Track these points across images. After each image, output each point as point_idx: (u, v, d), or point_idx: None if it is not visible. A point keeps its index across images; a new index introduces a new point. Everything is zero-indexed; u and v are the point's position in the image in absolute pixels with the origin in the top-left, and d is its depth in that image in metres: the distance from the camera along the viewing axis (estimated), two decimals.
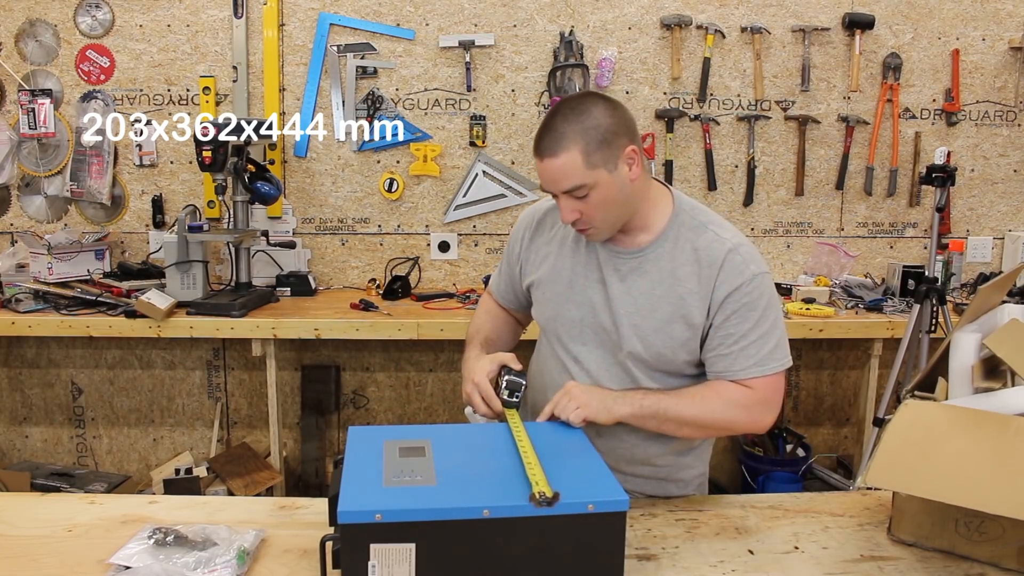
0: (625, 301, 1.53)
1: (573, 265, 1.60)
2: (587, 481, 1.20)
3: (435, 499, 1.12)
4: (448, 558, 1.10)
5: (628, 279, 1.54)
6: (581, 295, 1.58)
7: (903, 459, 1.25)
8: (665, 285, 1.51)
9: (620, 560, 1.15)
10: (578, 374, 1.58)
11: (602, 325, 1.56)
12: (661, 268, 1.52)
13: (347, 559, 1.08)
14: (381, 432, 1.40)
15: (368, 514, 1.07)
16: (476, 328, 1.77)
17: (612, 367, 1.56)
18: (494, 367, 1.54)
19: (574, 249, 1.61)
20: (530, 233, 1.69)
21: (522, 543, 1.11)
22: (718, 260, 1.49)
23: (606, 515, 1.13)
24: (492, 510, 1.10)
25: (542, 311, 1.66)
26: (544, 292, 1.64)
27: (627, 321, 1.52)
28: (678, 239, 1.53)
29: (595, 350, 1.58)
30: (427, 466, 1.22)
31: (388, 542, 1.07)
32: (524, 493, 1.16)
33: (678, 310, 1.50)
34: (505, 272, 1.77)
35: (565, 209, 1.47)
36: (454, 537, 1.10)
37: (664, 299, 1.51)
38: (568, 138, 1.42)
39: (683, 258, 1.51)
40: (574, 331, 1.60)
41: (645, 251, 1.54)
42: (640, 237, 1.55)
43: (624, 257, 1.55)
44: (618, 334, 1.54)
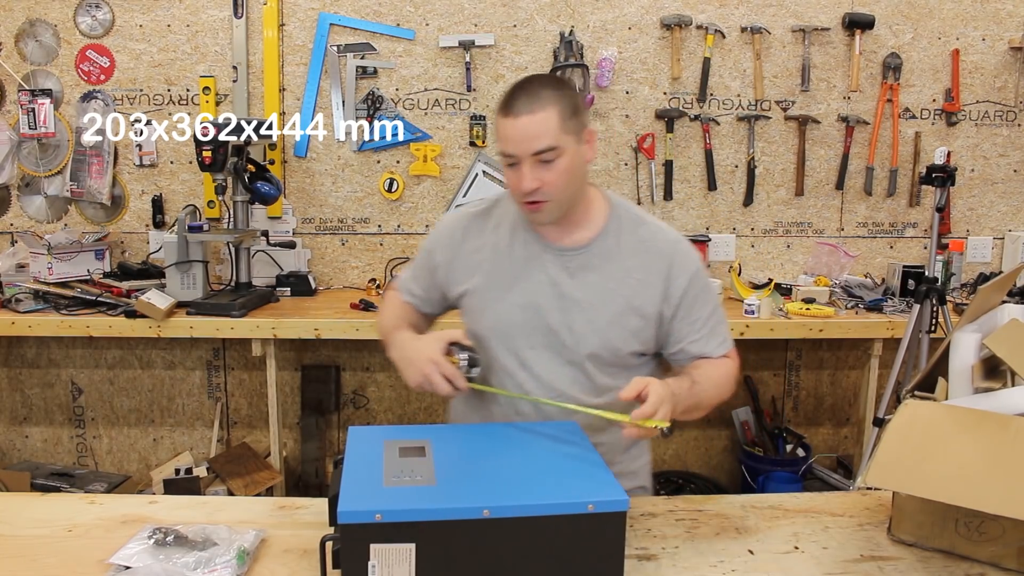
0: (578, 298, 1.53)
1: (513, 270, 1.57)
2: (587, 481, 1.20)
3: (435, 499, 1.12)
4: (448, 558, 1.10)
5: (578, 275, 1.54)
6: (526, 298, 1.55)
7: (903, 459, 1.25)
8: (616, 278, 1.54)
9: (620, 560, 1.15)
10: (527, 380, 1.56)
11: (550, 327, 1.54)
12: (610, 261, 1.54)
13: (347, 559, 1.08)
14: (381, 432, 1.40)
15: (368, 514, 1.07)
16: (393, 322, 1.64)
17: (563, 367, 1.55)
18: (443, 345, 1.45)
19: (510, 254, 1.58)
20: (456, 241, 1.63)
21: (522, 543, 1.11)
22: (667, 251, 1.55)
23: (606, 515, 1.13)
24: (492, 510, 1.10)
25: (480, 319, 1.60)
26: (482, 300, 1.59)
27: (582, 317, 1.53)
28: (620, 232, 1.56)
29: (543, 352, 1.55)
30: (427, 466, 1.22)
31: (388, 542, 1.07)
32: (524, 493, 1.16)
33: (630, 301, 1.53)
34: (423, 278, 1.70)
35: (528, 176, 1.43)
36: (454, 537, 1.09)
37: (617, 291, 1.53)
38: (547, 98, 1.43)
39: (629, 250, 1.55)
40: (520, 336, 1.56)
41: (591, 246, 1.55)
42: (582, 233, 1.56)
43: (571, 254, 1.55)
44: (571, 332, 1.53)
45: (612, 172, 3.31)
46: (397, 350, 1.51)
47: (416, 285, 1.72)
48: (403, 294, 1.74)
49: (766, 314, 2.87)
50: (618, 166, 3.31)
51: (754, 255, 3.41)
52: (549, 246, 1.56)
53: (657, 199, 3.33)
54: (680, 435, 3.53)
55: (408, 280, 1.74)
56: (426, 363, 1.42)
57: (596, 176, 3.31)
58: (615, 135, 3.29)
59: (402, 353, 1.49)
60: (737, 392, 3.43)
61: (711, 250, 3.33)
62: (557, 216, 1.51)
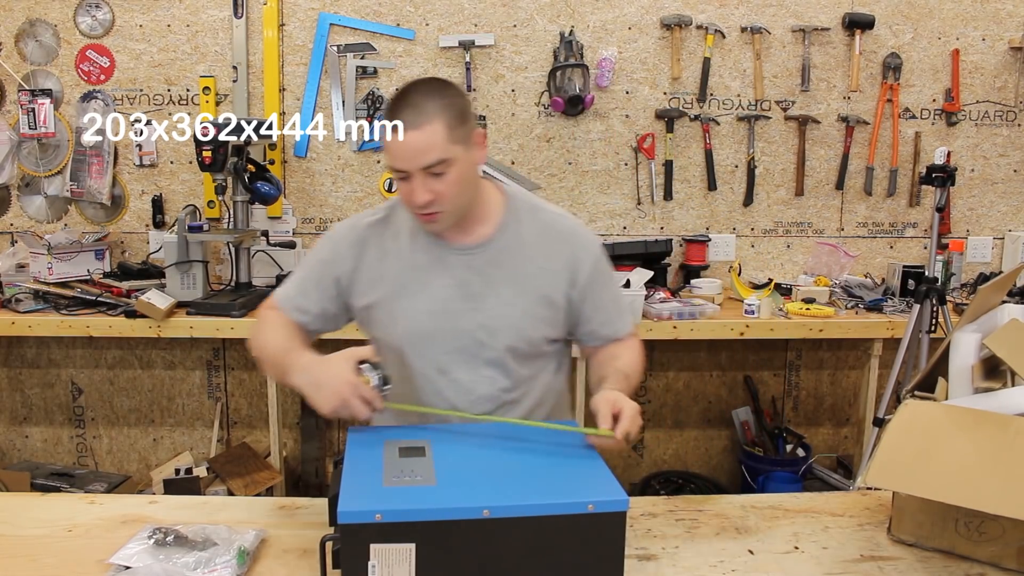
0: (487, 295, 1.53)
1: (418, 276, 1.54)
2: (587, 481, 1.20)
3: (435, 499, 1.12)
4: (448, 558, 1.10)
5: (484, 272, 1.53)
6: (435, 304, 1.53)
7: (903, 459, 1.25)
8: (522, 269, 1.54)
9: (620, 560, 1.15)
10: (447, 386, 1.54)
11: (464, 328, 1.52)
12: (514, 253, 1.54)
13: (347, 559, 1.08)
14: (381, 432, 1.40)
15: (368, 514, 1.07)
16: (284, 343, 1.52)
17: (481, 368, 1.54)
18: (354, 364, 1.36)
19: (413, 261, 1.55)
20: (355, 251, 1.57)
21: (522, 543, 1.11)
22: (568, 236, 1.58)
23: (606, 515, 1.13)
24: (492, 510, 1.10)
25: (391, 330, 1.55)
26: (390, 310, 1.54)
27: (494, 314, 1.52)
28: (519, 222, 1.57)
29: (460, 356, 1.53)
30: (427, 466, 1.22)
31: (388, 542, 1.08)
32: (524, 493, 1.16)
33: (540, 290, 1.54)
34: (318, 293, 1.59)
35: (419, 189, 1.41)
36: (454, 537, 1.10)
37: (525, 282, 1.54)
38: (431, 111, 1.40)
39: (531, 239, 1.56)
40: (435, 342, 1.53)
41: (492, 240, 1.55)
42: (481, 229, 1.55)
43: (473, 252, 1.54)
44: (485, 331, 1.52)
45: (612, 172, 3.31)
46: (302, 374, 1.39)
47: (308, 301, 1.59)
48: (291, 313, 1.59)
49: (766, 314, 2.87)
50: (618, 166, 3.31)
51: (754, 255, 3.41)
52: (450, 247, 1.54)
53: (657, 199, 3.33)
54: (680, 435, 3.53)
55: (296, 297, 1.60)
56: (343, 386, 1.33)
57: (596, 176, 3.31)
58: (615, 135, 3.29)
59: (310, 377, 1.38)
60: (737, 392, 3.47)
61: (711, 250, 3.33)
62: (453, 223, 1.50)
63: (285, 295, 1.62)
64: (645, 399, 3.48)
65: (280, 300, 1.62)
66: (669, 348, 3.43)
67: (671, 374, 3.48)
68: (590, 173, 3.31)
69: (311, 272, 1.61)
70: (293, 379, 1.41)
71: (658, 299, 2.94)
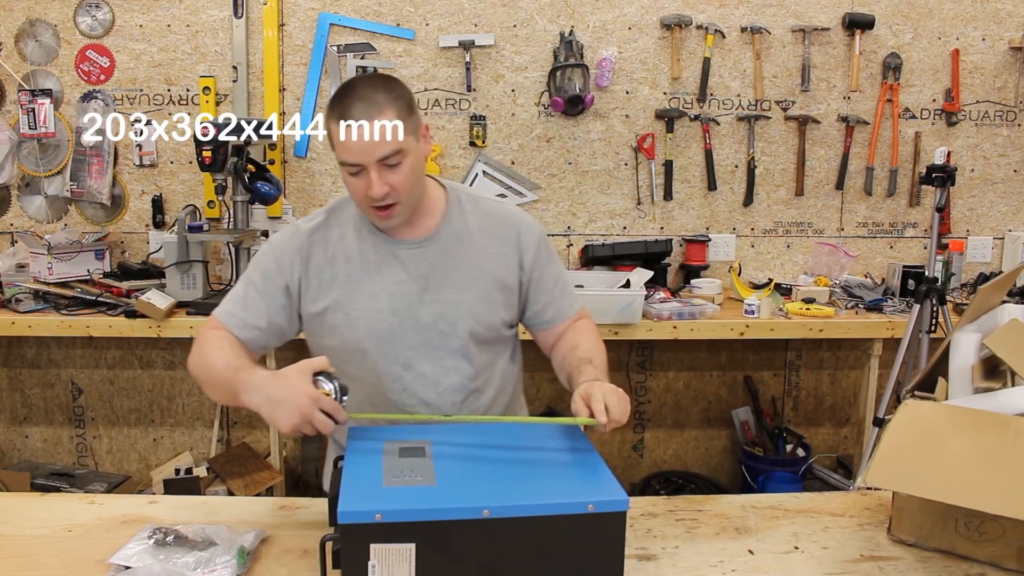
0: (444, 285, 1.54)
1: (371, 275, 1.53)
2: (587, 481, 1.20)
3: (435, 499, 1.12)
4: (448, 558, 1.10)
5: (439, 263, 1.55)
6: (393, 301, 1.52)
7: (903, 459, 1.25)
8: (473, 256, 1.56)
9: (620, 560, 1.15)
10: (414, 381, 1.55)
11: (425, 322, 1.53)
12: (462, 241, 1.57)
13: (347, 559, 1.08)
14: (381, 432, 1.40)
15: (368, 514, 1.07)
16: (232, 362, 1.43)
17: (445, 359, 1.55)
18: (311, 377, 1.31)
19: (363, 261, 1.54)
20: (301, 257, 1.54)
21: (522, 543, 1.11)
22: (511, 222, 1.61)
23: (606, 515, 1.12)
24: (492, 510, 1.10)
25: (351, 333, 1.53)
26: (347, 313, 1.53)
27: (452, 303, 1.54)
28: (463, 212, 1.59)
29: (423, 349, 1.54)
30: (427, 466, 1.22)
31: (388, 542, 1.08)
32: (524, 493, 1.16)
33: (493, 274, 1.57)
34: (264, 306, 1.54)
35: (376, 182, 1.41)
36: (454, 537, 1.10)
37: (477, 269, 1.56)
38: (384, 103, 1.41)
39: (477, 227, 1.58)
40: (397, 339, 1.53)
41: (439, 232, 1.56)
42: (427, 222, 1.56)
43: (424, 245, 1.55)
44: (446, 322, 1.54)
45: (612, 172, 3.31)
46: (256, 392, 1.31)
47: (254, 315, 1.53)
48: (237, 329, 1.53)
49: (766, 314, 2.87)
50: (618, 166, 3.31)
51: (754, 255, 3.41)
52: (399, 243, 1.54)
53: (657, 199, 3.33)
54: (680, 435, 3.53)
55: (241, 312, 1.54)
56: (303, 400, 1.26)
57: (596, 176, 3.31)
58: (615, 135, 3.29)
59: (267, 394, 1.30)
60: (737, 392, 3.46)
61: (711, 250, 3.33)
62: (407, 216, 1.51)
63: (228, 312, 1.54)
64: (645, 399, 3.48)
65: (223, 318, 1.54)
66: (669, 348, 3.43)
67: (671, 374, 3.48)
68: (590, 173, 3.31)
69: (254, 286, 1.55)
70: (246, 399, 1.33)
71: (658, 299, 2.94)
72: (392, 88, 1.45)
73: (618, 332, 2.75)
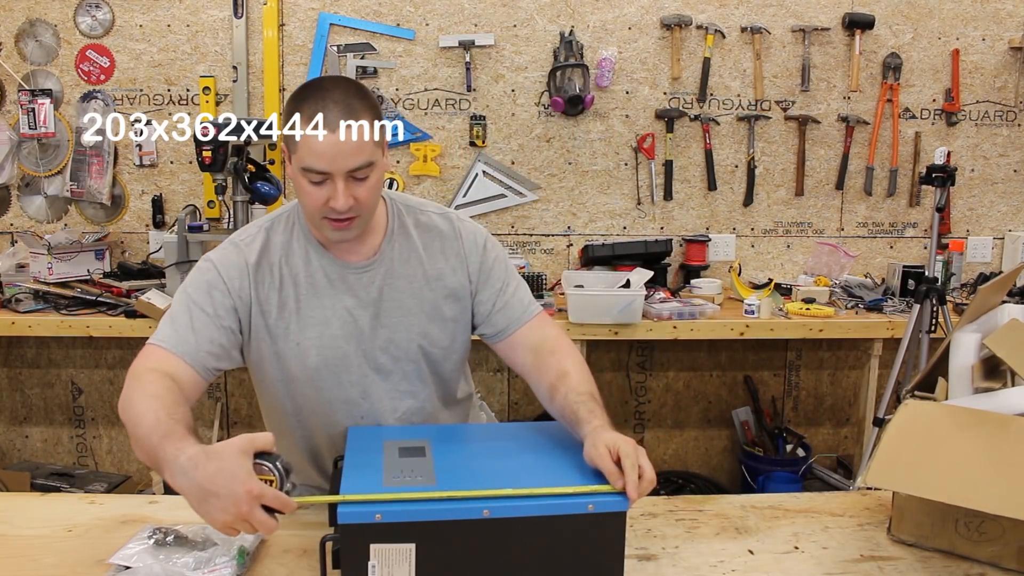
0: (393, 307, 1.48)
1: (321, 303, 1.46)
2: (587, 481, 1.20)
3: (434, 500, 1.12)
4: (448, 558, 1.10)
5: (386, 285, 1.48)
6: (345, 327, 1.46)
7: (903, 459, 1.25)
8: (419, 275, 1.51)
9: (620, 560, 1.15)
10: (371, 408, 1.50)
11: (379, 346, 1.48)
12: (407, 260, 1.51)
13: (347, 559, 1.08)
14: (381, 432, 1.40)
15: (368, 514, 1.07)
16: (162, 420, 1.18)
17: (401, 383, 1.51)
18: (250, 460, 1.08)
19: (312, 286, 1.46)
20: (250, 279, 1.44)
21: (522, 543, 1.11)
22: (454, 230, 1.54)
23: (606, 515, 1.13)
24: (492, 510, 1.10)
25: (305, 362, 1.45)
26: (298, 343, 1.45)
27: (404, 324, 1.49)
28: (405, 227, 1.53)
29: (377, 375, 1.50)
30: (427, 466, 1.22)
31: (388, 542, 1.08)
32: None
33: (440, 290, 1.51)
34: (212, 325, 1.40)
35: (342, 194, 1.32)
36: (454, 537, 1.10)
37: (426, 287, 1.51)
38: (361, 112, 1.34)
39: (421, 241, 1.52)
40: (352, 366, 1.48)
41: (384, 251, 1.49)
42: (371, 240, 1.49)
43: (370, 269, 1.48)
44: (398, 346, 1.49)
45: (612, 172, 3.31)
46: (183, 476, 1.07)
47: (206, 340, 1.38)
48: (189, 357, 1.36)
49: (766, 314, 2.87)
50: (618, 166, 3.31)
51: (754, 255, 3.41)
52: (347, 266, 1.47)
53: (657, 199, 3.33)
54: (680, 435, 3.53)
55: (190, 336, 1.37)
56: (242, 497, 1.03)
57: (596, 176, 3.31)
58: (615, 135, 3.29)
59: (196, 481, 1.05)
60: (737, 392, 3.46)
61: (711, 250, 3.33)
62: (361, 230, 1.43)
63: (175, 339, 1.37)
64: (645, 399, 3.48)
65: (169, 345, 1.37)
66: (669, 348, 3.43)
67: (671, 374, 3.48)
68: (590, 173, 3.31)
69: (200, 307, 1.40)
70: (170, 479, 1.10)
71: (658, 299, 2.94)
72: (365, 95, 1.38)
73: (618, 332, 2.75)
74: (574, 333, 2.73)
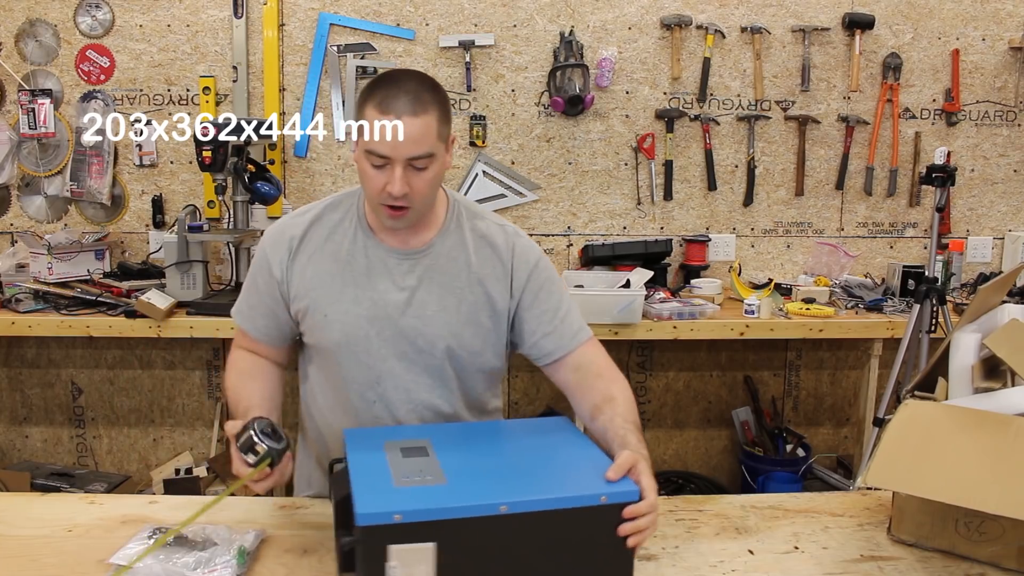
0: (429, 301, 1.49)
1: (356, 279, 1.49)
2: (596, 474, 1.20)
3: (452, 497, 1.12)
4: (466, 555, 1.10)
5: (425, 277, 1.50)
6: (374, 309, 1.48)
7: (903, 459, 1.25)
8: (464, 274, 1.51)
9: (631, 550, 1.16)
10: (385, 393, 1.51)
11: (403, 334, 1.49)
12: (455, 258, 1.51)
13: (366, 562, 1.07)
14: (378, 433, 1.39)
15: (387, 515, 1.06)
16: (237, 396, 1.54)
17: (420, 376, 1.51)
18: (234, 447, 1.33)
19: (351, 263, 1.50)
20: (290, 254, 1.52)
21: (538, 536, 1.12)
22: (508, 243, 1.53)
23: (618, 506, 1.14)
24: (510, 506, 1.10)
25: (325, 335, 1.51)
26: (325, 314, 1.50)
27: (434, 320, 1.49)
28: (461, 228, 1.53)
29: (398, 363, 1.50)
30: (433, 465, 1.22)
31: (408, 542, 1.07)
32: (539, 488, 1.17)
33: (480, 296, 1.51)
34: (260, 305, 1.56)
35: (399, 180, 1.36)
36: (473, 534, 1.10)
37: (467, 288, 1.50)
38: (429, 103, 1.37)
39: (472, 245, 1.52)
40: (372, 348, 1.49)
41: (433, 246, 1.51)
42: (424, 234, 1.51)
43: (415, 256, 1.50)
44: (424, 338, 1.49)
45: (612, 172, 3.31)
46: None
47: (261, 315, 1.57)
48: (252, 331, 1.58)
49: (766, 314, 2.87)
50: (618, 166, 3.31)
51: (754, 255, 3.41)
52: (392, 251, 1.50)
53: (657, 199, 3.33)
54: (680, 435, 3.53)
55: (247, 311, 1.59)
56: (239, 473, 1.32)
57: (596, 176, 3.31)
58: (615, 135, 3.29)
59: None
60: (737, 392, 3.46)
61: (711, 250, 3.33)
62: (415, 222, 1.47)
63: (239, 311, 1.60)
64: (645, 399, 3.48)
65: (238, 319, 1.60)
66: (669, 348, 3.43)
67: (671, 374, 3.48)
68: (590, 173, 3.31)
69: (255, 283, 1.57)
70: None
71: (658, 299, 2.94)
72: (438, 90, 1.42)
73: (618, 332, 2.75)
74: None
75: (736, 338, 2.87)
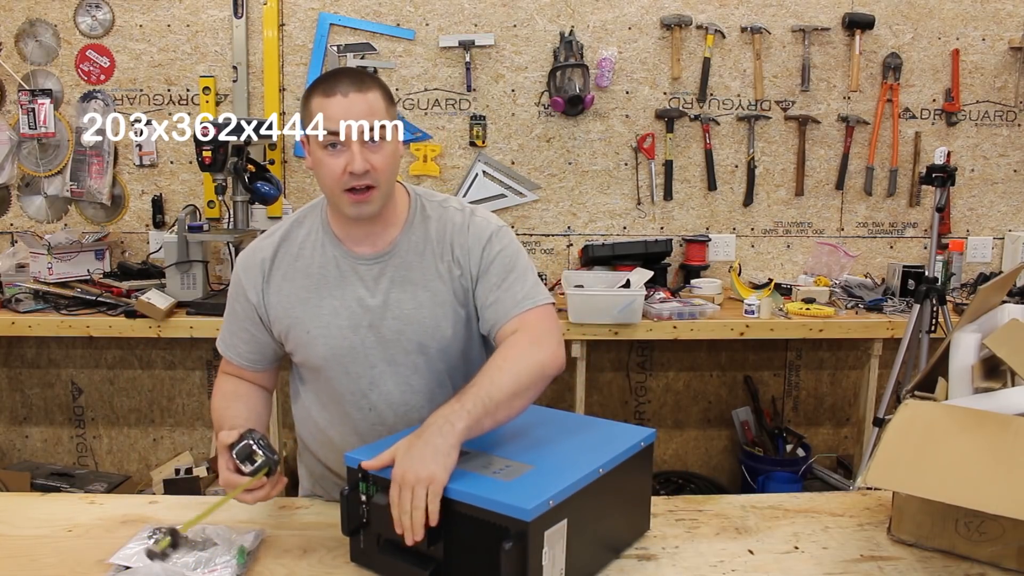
0: (404, 300, 1.48)
1: (331, 292, 1.49)
2: (618, 430, 1.38)
3: (564, 475, 1.17)
4: (578, 523, 1.17)
5: (397, 277, 1.49)
6: (353, 319, 1.48)
7: (903, 459, 1.25)
8: (432, 267, 1.50)
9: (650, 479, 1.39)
10: (378, 400, 1.51)
11: (386, 340, 1.48)
12: (421, 252, 1.51)
13: (532, 555, 1.09)
14: (385, 445, 1.29)
15: (543, 504, 1.10)
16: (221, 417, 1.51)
17: (411, 376, 1.51)
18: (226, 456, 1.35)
19: (323, 276, 1.50)
20: (263, 277, 1.52)
21: (615, 489, 1.26)
22: (464, 224, 1.52)
23: (648, 448, 1.36)
24: (603, 466, 1.22)
25: (312, 352, 1.50)
26: (308, 332, 1.49)
27: (414, 319, 1.48)
28: (424, 221, 1.53)
29: (387, 368, 1.50)
30: (493, 459, 1.24)
31: (554, 525, 1.13)
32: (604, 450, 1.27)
33: (450, 286, 1.50)
34: (241, 331, 1.57)
35: (358, 157, 1.37)
36: (585, 501, 1.19)
37: (436, 281, 1.50)
38: (370, 81, 1.41)
39: (436, 236, 1.52)
40: (359, 358, 1.49)
41: (398, 244, 1.50)
42: (388, 234, 1.51)
43: (383, 259, 1.50)
44: (407, 339, 1.48)
45: (612, 172, 3.31)
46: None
47: (242, 341, 1.58)
48: (236, 358, 1.59)
49: (766, 314, 2.87)
50: (618, 166, 3.31)
51: (754, 255, 3.41)
52: (360, 258, 1.50)
53: (657, 199, 3.33)
54: (680, 435, 3.53)
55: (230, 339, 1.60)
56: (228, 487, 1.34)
57: (596, 176, 3.31)
58: (615, 135, 3.29)
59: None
60: (737, 392, 3.47)
61: (711, 250, 3.33)
62: (380, 207, 1.45)
63: (223, 340, 1.61)
64: (645, 399, 3.48)
65: (221, 347, 1.61)
66: (669, 348, 3.43)
67: (671, 374, 3.48)
68: (590, 173, 3.31)
69: (232, 311, 1.58)
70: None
71: (658, 299, 2.94)
72: (376, 78, 1.46)
73: (618, 332, 2.75)
74: (574, 333, 2.73)
75: (736, 338, 2.87)
